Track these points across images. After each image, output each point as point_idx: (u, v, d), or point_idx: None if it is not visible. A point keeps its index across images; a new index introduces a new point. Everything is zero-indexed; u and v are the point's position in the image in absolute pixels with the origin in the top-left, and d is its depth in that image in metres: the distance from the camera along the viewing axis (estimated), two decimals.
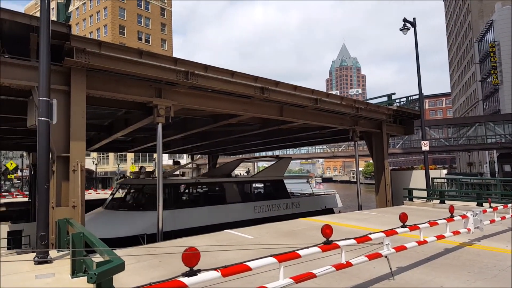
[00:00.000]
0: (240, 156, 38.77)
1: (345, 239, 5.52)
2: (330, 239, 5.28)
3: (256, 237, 9.87)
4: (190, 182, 20.19)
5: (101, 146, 21.30)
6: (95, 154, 53.95)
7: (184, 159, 66.00)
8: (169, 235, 14.45)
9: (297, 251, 4.80)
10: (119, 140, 22.29)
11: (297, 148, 55.44)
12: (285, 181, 24.68)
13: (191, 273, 3.67)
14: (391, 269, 6.11)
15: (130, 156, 60.55)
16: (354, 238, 5.64)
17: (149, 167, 64.10)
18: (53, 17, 7.63)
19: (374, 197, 23.04)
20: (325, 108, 15.84)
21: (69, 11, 9.34)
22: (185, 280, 3.59)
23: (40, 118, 6.85)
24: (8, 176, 43.03)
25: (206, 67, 11.63)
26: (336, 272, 5.23)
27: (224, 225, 16.15)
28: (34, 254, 6.54)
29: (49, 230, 6.92)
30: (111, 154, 62.83)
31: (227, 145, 27.16)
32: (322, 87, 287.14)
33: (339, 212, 24.17)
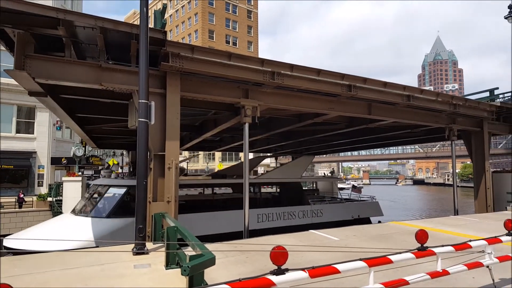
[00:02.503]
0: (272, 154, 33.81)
1: (442, 246, 5.10)
2: (425, 245, 4.90)
3: (342, 239, 9.53)
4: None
5: (192, 145, 22.67)
6: (186, 153, 57.67)
7: (268, 159, 67.06)
8: None
9: (388, 256, 4.53)
10: (208, 140, 23.50)
11: (386, 148, 52.52)
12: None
13: (279, 271, 3.65)
14: (493, 280, 5.45)
15: (218, 155, 63.70)
16: (451, 245, 5.15)
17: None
18: (151, 25, 8.26)
19: (471, 201, 20.60)
20: (418, 105, 14.68)
21: (164, 19, 10.04)
22: (273, 278, 3.59)
23: (140, 119, 7.41)
24: None
25: (292, 67, 11.61)
26: (430, 281, 4.87)
27: (214, 237, 13.87)
28: (133, 245, 7.02)
29: (146, 223, 7.45)
30: (201, 153, 66.61)
31: (311, 145, 26.84)
32: (414, 83, 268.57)
33: (379, 222, 20.28)
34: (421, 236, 4.94)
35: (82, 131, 16.75)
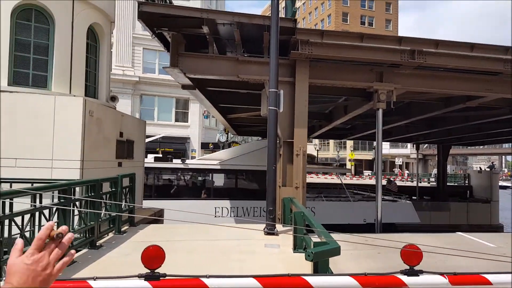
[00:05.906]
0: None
1: None
2: None
3: (500, 246, 8.03)
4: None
5: (321, 133, 22.50)
6: (316, 141, 57.76)
7: (408, 149, 62.06)
8: None
9: None
10: (338, 128, 22.87)
11: None
12: None
13: (411, 272, 3.31)
14: None
15: (349, 143, 61.78)
16: None
17: (369, 155, 63.65)
18: (282, 15, 8.41)
19: None
20: None
21: (294, 6, 10.09)
22: (404, 278, 3.29)
23: (269, 107, 7.72)
24: None
25: (437, 43, 10.30)
26: None
27: None
28: (264, 225, 7.51)
29: (275, 206, 7.78)
30: (331, 141, 65.70)
31: (463, 134, 23.33)
32: None
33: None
34: None
35: (224, 119, 18.33)
